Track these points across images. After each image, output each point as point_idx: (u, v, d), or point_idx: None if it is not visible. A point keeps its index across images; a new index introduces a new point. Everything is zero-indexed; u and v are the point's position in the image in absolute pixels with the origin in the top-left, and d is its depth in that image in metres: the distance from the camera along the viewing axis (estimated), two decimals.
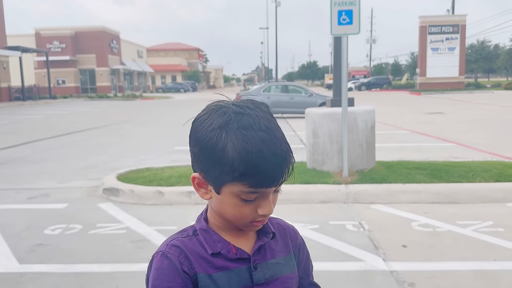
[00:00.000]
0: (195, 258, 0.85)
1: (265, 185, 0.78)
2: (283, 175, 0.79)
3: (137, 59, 62.37)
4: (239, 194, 0.79)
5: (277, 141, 0.79)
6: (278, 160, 0.78)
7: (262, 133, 0.77)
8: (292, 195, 5.04)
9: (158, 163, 7.21)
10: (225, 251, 0.86)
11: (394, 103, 24.83)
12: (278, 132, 0.81)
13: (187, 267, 0.83)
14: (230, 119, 0.78)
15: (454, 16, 42.43)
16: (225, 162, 0.77)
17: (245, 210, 0.81)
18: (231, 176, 0.77)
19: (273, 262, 0.89)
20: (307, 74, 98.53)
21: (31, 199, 5.54)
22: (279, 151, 0.78)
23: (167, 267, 0.83)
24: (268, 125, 0.80)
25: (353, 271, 3.29)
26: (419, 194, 5.04)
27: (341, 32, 5.30)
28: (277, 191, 0.84)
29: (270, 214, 0.84)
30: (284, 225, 0.98)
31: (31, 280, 3.21)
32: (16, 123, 16.47)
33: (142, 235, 4.09)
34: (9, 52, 32.12)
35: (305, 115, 6.20)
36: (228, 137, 0.77)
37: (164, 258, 0.84)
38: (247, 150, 0.75)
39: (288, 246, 0.94)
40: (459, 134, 10.66)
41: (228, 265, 0.85)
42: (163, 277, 0.83)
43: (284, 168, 0.79)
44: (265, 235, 0.90)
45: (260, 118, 0.80)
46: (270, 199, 0.82)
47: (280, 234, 0.95)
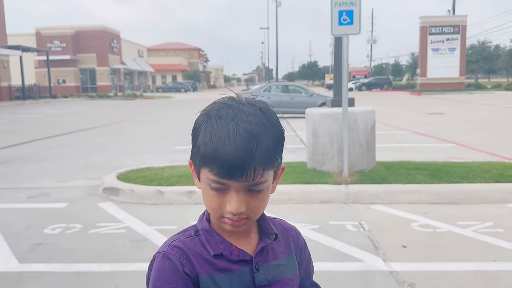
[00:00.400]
0: (197, 260, 0.84)
1: (225, 175, 0.77)
2: (245, 172, 0.76)
3: (137, 58, 62.37)
4: (208, 182, 0.80)
5: (246, 135, 0.76)
6: (239, 154, 0.75)
7: (233, 124, 0.77)
8: (292, 195, 5.04)
9: (158, 163, 7.21)
10: (227, 252, 0.85)
11: (394, 103, 24.82)
12: (258, 128, 0.77)
13: (189, 269, 0.83)
14: (213, 108, 0.82)
15: (454, 17, 42.43)
16: (196, 145, 0.81)
17: (214, 201, 0.81)
18: (199, 160, 0.80)
19: (275, 263, 0.89)
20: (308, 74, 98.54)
21: (31, 198, 5.54)
22: (245, 145, 0.75)
23: (168, 268, 0.83)
24: (246, 119, 0.78)
25: (353, 271, 3.29)
26: (419, 195, 5.04)
27: (342, 32, 5.30)
28: (254, 191, 0.80)
29: (237, 213, 0.80)
30: (286, 226, 0.98)
31: (31, 280, 3.21)
32: (16, 122, 16.47)
33: (142, 235, 4.09)
34: (10, 51, 32.13)
35: (305, 115, 6.20)
36: (205, 123, 0.80)
37: (166, 259, 0.83)
38: (211, 136, 0.77)
39: (290, 247, 0.94)
40: (459, 135, 10.66)
41: (230, 267, 0.85)
42: (164, 278, 0.82)
43: (248, 165, 0.76)
44: (268, 236, 0.90)
45: (241, 111, 0.79)
46: (239, 197, 0.79)
47: (282, 235, 0.94)
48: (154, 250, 0.80)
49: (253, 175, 0.77)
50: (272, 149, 0.79)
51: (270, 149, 0.79)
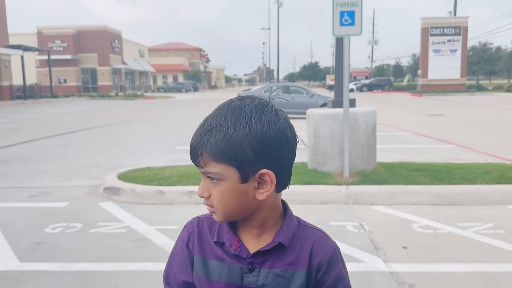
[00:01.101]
0: (201, 240, 0.91)
1: (191, 160, 0.86)
2: (196, 157, 0.84)
3: (138, 58, 62.41)
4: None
5: (207, 127, 0.83)
6: (194, 140, 0.85)
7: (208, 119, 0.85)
8: (292, 195, 5.03)
9: (159, 163, 7.21)
10: (228, 244, 0.88)
11: (395, 104, 24.82)
12: (222, 122, 0.82)
13: (191, 245, 0.92)
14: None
15: (456, 18, 42.42)
16: None
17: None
18: None
19: (275, 272, 0.86)
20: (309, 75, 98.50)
21: (32, 197, 5.54)
22: (198, 134, 0.84)
23: (181, 238, 0.94)
24: (222, 114, 0.83)
25: (353, 272, 3.28)
26: (420, 196, 5.04)
27: (343, 33, 5.30)
28: (207, 175, 0.85)
29: (200, 196, 0.87)
30: (313, 238, 0.90)
31: (32, 279, 3.22)
32: (17, 122, 16.49)
33: (142, 234, 4.09)
34: (11, 50, 32.16)
35: (306, 115, 6.20)
36: None
37: (184, 230, 0.95)
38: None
39: (303, 262, 0.87)
40: (460, 136, 10.65)
41: (225, 258, 0.87)
42: (177, 244, 0.95)
43: (196, 151, 0.84)
44: (272, 242, 0.87)
45: (221, 110, 0.85)
46: (202, 182, 0.87)
47: (301, 247, 0.88)
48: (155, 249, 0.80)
49: (201, 162, 0.84)
50: (220, 144, 0.81)
51: (219, 143, 0.81)
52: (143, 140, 10.91)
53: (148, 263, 3.42)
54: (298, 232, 0.89)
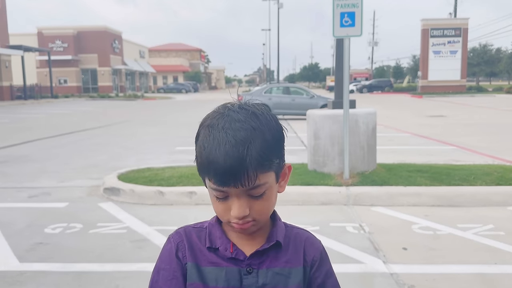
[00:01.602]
0: (192, 248, 0.88)
1: (221, 184, 0.79)
2: (240, 178, 0.77)
3: (139, 59, 62.44)
4: (210, 190, 0.83)
5: (235, 142, 0.77)
6: (230, 161, 0.76)
7: (222, 133, 0.78)
8: (292, 196, 5.03)
9: (159, 163, 7.22)
10: (223, 248, 0.87)
11: (395, 105, 24.83)
12: (246, 134, 0.78)
13: (181, 254, 0.88)
14: (208, 117, 0.84)
15: (456, 20, 42.43)
16: (196, 155, 0.84)
17: (220, 207, 0.84)
18: (199, 170, 0.83)
19: (273, 271, 0.87)
20: (309, 76, 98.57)
21: (32, 197, 5.54)
22: (234, 153, 0.76)
23: (168, 250, 0.91)
24: (235, 126, 0.78)
25: (353, 273, 3.28)
26: (420, 197, 5.04)
27: (343, 34, 5.31)
28: (255, 196, 0.81)
29: (241, 217, 0.81)
30: (303, 236, 0.94)
31: (31, 279, 3.21)
32: (17, 122, 16.49)
33: (142, 235, 4.09)
34: (11, 51, 32.18)
35: (306, 116, 6.20)
36: (200, 134, 0.83)
37: (168, 242, 0.92)
38: (204, 147, 0.80)
39: (299, 259, 0.90)
40: (460, 137, 10.65)
41: (221, 263, 0.86)
42: (163, 258, 0.91)
43: (240, 172, 0.77)
44: (269, 242, 0.88)
45: (231, 118, 0.80)
46: (241, 202, 0.80)
47: (294, 245, 0.91)
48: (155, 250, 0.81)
49: (248, 181, 0.78)
50: (264, 152, 0.79)
51: (262, 153, 0.79)
52: (143, 141, 10.91)
53: (148, 263, 3.42)
54: (288, 233, 0.92)
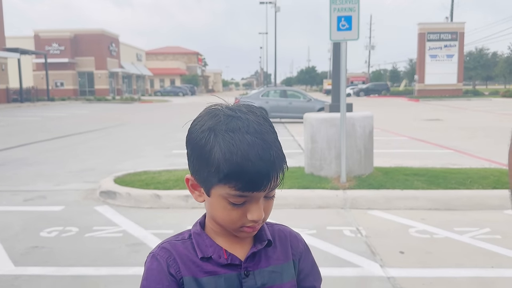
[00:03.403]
0: (184, 261, 0.85)
1: (251, 189, 0.77)
2: (270, 180, 0.77)
3: (136, 62, 62.41)
4: (226, 197, 0.79)
5: (265, 145, 0.77)
6: (264, 164, 0.76)
7: (250, 136, 0.77)
8: (289, 200, 5.03)
9: (155, 167, 7.19)
10: (216, 256, 0.85)
11: (392, 109, 24.90)
12: (269, 136, 0.79)
13: (174, 270, 0.84)
14: (219, 121, 0.79)
15: (452, 24, 42.69)
16: (212, 163, 0.77)
17: (234, 214, 0.80)
18: (217, 178, 0.77)
19: (268, 270, 0.87)
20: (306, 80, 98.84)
21: (27, 201, 5.51)
22: (267, 155, 0.76)
23: (155, 268, 0.85)
24: (258, 129, 0.78)
25: (350, 277, 3.28)
26: (417, 201, 5.04)
27: (340, 38, 5.32)
28: (269, 197, 0.82)
29: (260, 220, 0.81)
30: (286, 231, 0.96)
31: (27, 283, 3.19)
32: (13, 125, 16.43)
33: (138, 239, 4.07)
34: (8, 53, 32.10)
35: (303, 120, 6.21)
36: (216, 139, 0.77)
37: (154, 260, 0.86)
38: (232, 152, 0.75)
39: (288, 254, 0.92)
40: (457, 141, 10.69)
41: (218, 270, 0.84)
42: (151, 278, 0.85)
43: (272, 174, 0.77)
44: (260, 242, 0.88)
45: (251, 122, 0.79)
46: (260, 205, 0.80)
47: (280, 241, 0.92)
48: None
49: (274, 183, 0.79)
50: (283, 153, 0.81)
51: (282, 154, 0.81)
52: (140, 144, 10.89)
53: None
54: (271, 230, 0.93)
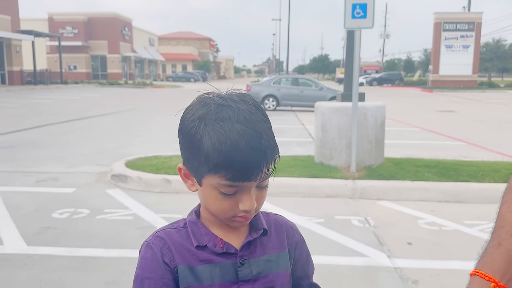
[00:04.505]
0: (178, 250, 0.84)
1: (241, 178, 0.76)
2: (261, 170, 0.77)
3: (148, 47, 62.43)
4: (217, 187, 0.78)
5: (255, 134, 0.76)
6: (254, 154, 0.75)
7: (240, 125, 0.76)
8: (298, 188, 5.03)
9: (166, 152, 7.24)
10: (211, 244, 0.84)
11: (405, 100, 24.62)
12: (260, 125, 0.78)
13: (168, 259, 0.83)
14: (209, 110, 0.78)
15: (469, 14, 41.80)
16: (201, 152, 0.77)
17: (226, 204, 0.80)
18: (206, 167, 0.77)
19: (263, 258, 0.87)
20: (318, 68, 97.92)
21: (40, 182, 5.60)
22: (257, 144, 0.75)
23: (150, 257, 0.84)
24: (249, 118, 0.77)
25: (357, 266, 3.29)
26: (427, 192, 5.01)
27: (355, 25, 5.25)
28: (262, 187, 0.81)
29: (252, 210, 0.81)
30: (282, 221, 0.95)
31: (38, 262, 3.26)
32: (27, 107, 16.62)
33: (148, 222, 4.13)
34: (22, 36, 32.32)
35: (314, 108, 6.17)
36: (205, 128, 0.77)
37: (148, 249, 0.85)
38: (221, 142, 0.75)
39: (283, 243, 0.92)
40: (470, 133, 10.55)
41: (213, 259, 0.84)
42: (145, 267, 0.84)
43: (262, 163, 0.76)
44: (256, 231, 0.88)
45: (241, 110, 0.78)
46: (251, 194, 0.80)
47: (276, 230, 0.92)
48: None
49: (267, 172, 0.78)
50: (275, 142, 0.80)
51: (274, 143, 0.80)
52: (151, 129, 10.95)
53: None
54: (267, 219, 0.92)
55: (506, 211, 0.79)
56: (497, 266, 0.76)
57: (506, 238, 0.76)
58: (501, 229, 0.78)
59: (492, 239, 0.79)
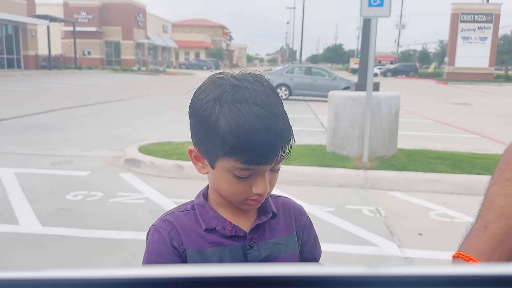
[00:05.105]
0: (187, 234, 0.83)
1: (258, 162, 0.75)
2: (278, 153, 0.76)
3: (162, 33, 62.41)
4: (231, 170, 0.77)
5: (273, 117, 0.75)
6: (272, 136, 0.74)
7: (257, 108, 0.74)
8: (309, 177, 5.04)
9: (178, 138, 7.28)
10: (220, 227, 0.84)
11: (419, 91, 24.31)
12: (277, 108, 0.77)
13: (177, 242, 0.83)
14: (225, 92, 0.76)
15: (488, 5, 40.88)
16: (217, 135, 0.75)
17: (239, 187, 0.79)
18: (222, 150, 0.75)
19: (272, 241, 0.87)
20: (332, 57, 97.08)
21: (54, 165, 5.69)
22: (274, 127, 0.74)
23: (157, 241, 0.84)
24: (266, 100, 0.76)
25: (367, 255, 3.30)
26: (439, 184, 4.98)
27: (371, 14, 5.19)
28: (275, 170, 0.81)
29: (265, 194, 0.80)
30: (290, 204, 0.95)
31: (53, 242, 3.33)
32: (41, 91, 16.81)
33: (161, 206, 4.18)
34: (38, 20, 32.56)
35: (327, 98, 6.14)
36: (221, 110, 0.75)
37: (156, 233, 0.85)
38: (238, 124, 0.73)
39: (291, 226, 0.91)
40: (484, 127, 10.40)
41: (222, 241, 0.83)
42: (152, 251, 0.84)
43: (279, 146, 0.75)
44: (265, 214, 0.88)
45: (258, 92, 0.76)
46: (265, 178, 0.79)
47: (284, 213, 0.92)
48: None
49: (281, 155, 0.77)
50: (290, 125, 0.80)
51: (289, 125, 0.79)
52: (164, 115, 11.02)
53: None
54: (275, 202, 0.92)
55: (494, 193, 0.76)
56: (482, 250, 0.73)
57: (493, 220, 0.73)
58: (488, 211, 0.75)
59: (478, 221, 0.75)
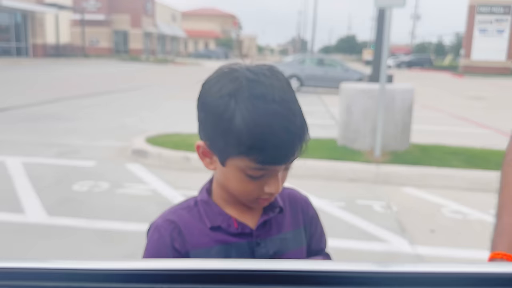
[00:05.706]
0: (191, 232, 0.80)
1: (274, 162, 0.72)
2: (294, 153, 0.72)
3: (171, 22, 62.22)
4: (244, 170, 0.73)
5: (291, 116, 0.71)
6: (290, 136, 0.70)
7: (276, 106, 0.69)
8: (320, 170, 4.94)
9: (186, 129, 7.22)
10: (226, 224, 0.80)
11: (434, 84, 23.95)
12: (295, 105, 0.73)
13: (179, 244, 0.79)
14: (241, 86, 0.71)
15: None
16: (232, 133, 0.70)
17: (250, 186, 0.75)
18: (237, 150, 0.71)
19: (279, 237, 0.84)
20: (345, 48, 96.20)
21: (61, 154, 5.66)
22: (293, 127, 0.71)
23: (156, 241, 0.81)
24: (284, 97, 0.71)
25: (377, 251, 3.21)
26: (453, 180, 4.85)
27: (386, 3, 5.03)
28: (287, 168, 0.77)
29: (277, 193, 0.77)
30: (296, 196, 0.92)
31: (59, 232, 3.30)
32: (49, 80, 16.86)
33: (167, 198, 4.12)
34: (46, 8, 32.60)
35: (339, 90, 6.01)
36: (237, 107, 0.69)
37: (156, 232, 0.82)
38: (256, 123, 0.68)
39: (298, 220, 0.89)
40: (500, 122, 10.18)
41: (228, 239, 0.80)
42: (150, 250, 0.82)
43: (296, 146, 0.72)
44: (272, 209, 0.84)
45: (275, 88, 0.71)
46: (278, 177, 0.75)
47: (291, 206, 0.89)
48: None
49: (298, 154, 0.74)
50: (306, 123, 0.75)
51: (306, 124, 0.75)
52: (172, 106, 10.96)
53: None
54: (281, 195, 0.88)
55: None
56: None
57: None
58: None
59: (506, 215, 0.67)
